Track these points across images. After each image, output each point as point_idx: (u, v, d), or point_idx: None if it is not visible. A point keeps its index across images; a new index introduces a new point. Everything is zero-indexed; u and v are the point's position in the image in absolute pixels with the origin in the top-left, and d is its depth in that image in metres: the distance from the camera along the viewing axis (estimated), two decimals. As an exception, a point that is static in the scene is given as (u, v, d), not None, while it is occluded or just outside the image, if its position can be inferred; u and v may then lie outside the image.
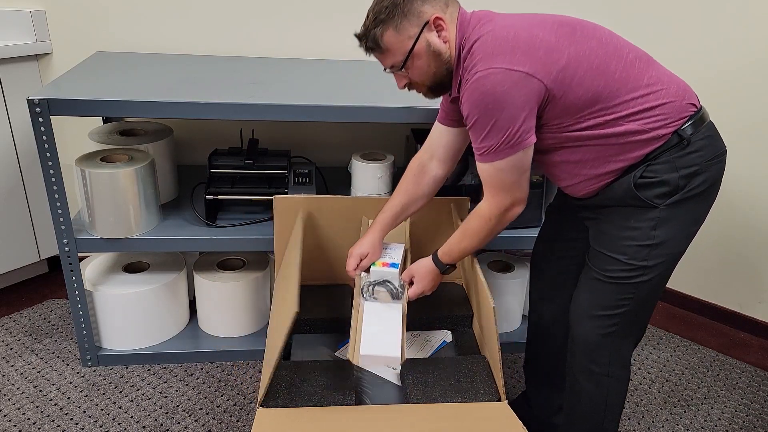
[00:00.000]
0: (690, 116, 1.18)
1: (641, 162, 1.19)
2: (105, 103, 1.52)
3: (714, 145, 1.21)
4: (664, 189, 1.18)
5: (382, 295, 1.46)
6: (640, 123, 1.16)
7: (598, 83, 1.14)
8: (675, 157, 1.17)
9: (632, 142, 1.18)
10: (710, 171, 1.20)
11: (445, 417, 1.31)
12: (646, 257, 1.23)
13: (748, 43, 1.95)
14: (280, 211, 1.65)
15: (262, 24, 2.07)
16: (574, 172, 1.25)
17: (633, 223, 1.22)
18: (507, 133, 1.14)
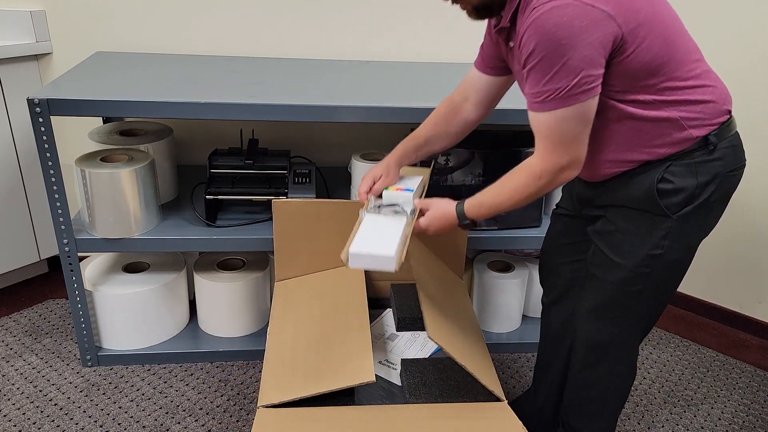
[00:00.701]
0: (722, 123, 1.13)
1: (664, 160, 1.13)
2: (105, 103, 1.52)
3: (736, 155, 1.17)
4: (681, 197, 1.14)
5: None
6: (682, 113, 1.10)
7: (663, 55, 1.06)
8: (697, 162, 1.12)
9: (665, 135, 1.11)
10: (727, 182, 1.16)
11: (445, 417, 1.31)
12: (650, 266, 1.19)
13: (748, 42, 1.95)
14: (279, 214, 1.65)
15: (262, 24, 2.07)
16: (598, 149, 1.16)
17: (643, 231, 1.17)
18: (579, 76, 1.01)
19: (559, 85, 1.02)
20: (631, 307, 1.25)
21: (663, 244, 1.17)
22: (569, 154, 1.09)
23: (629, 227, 1.19)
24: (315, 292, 1.65)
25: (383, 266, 1.20)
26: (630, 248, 1.19)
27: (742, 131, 2.02)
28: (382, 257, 1.18)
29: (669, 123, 1.10)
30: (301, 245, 1.70)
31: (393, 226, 1.28)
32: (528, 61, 1.04)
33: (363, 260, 1.20)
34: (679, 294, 2.30)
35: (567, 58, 1.00)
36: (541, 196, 1.19)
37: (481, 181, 1.78)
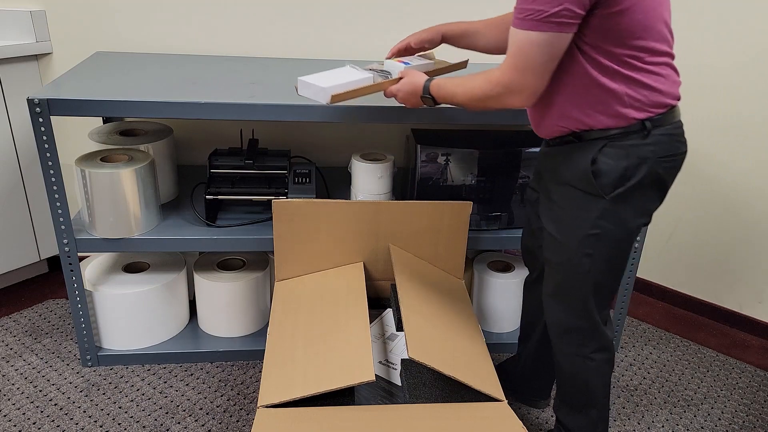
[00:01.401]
0: (663, 112, 1.20)
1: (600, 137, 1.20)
2: (105, 103, 1.52)
3: (671, 144, 1.22)
4: (612, 178, 1.20)
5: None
6: (629, 91, 1.17)
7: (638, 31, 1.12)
8: (630, 145, 1.19)
9: (607, 104, 1.18)
10: (659, 168, 1.21)
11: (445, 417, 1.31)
12: (591, 246, 1.26)
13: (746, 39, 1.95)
14: (279, 214, 1.65)
15: (262, 24, 2.07)
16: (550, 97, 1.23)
17: (583, 212, 1.25)
18: (561, 6, 1.07)
19: (541, 7, 1.08)
20: (582, 288, 1.31)
21: (600, 224, 1.24)
22: (524, 79, 1.15)
23: (571, 207, 1.27)
24: (315, 292, 1.65)
25: (319, 97, 1.33)
26: (571, 229, 1.27)
27: (742, 131, 2.03)
28: (319, 88, 1.31)
29: (614, 95, 1.17)
30: (301, 245, 1.70)
31: (354, 77, 1.36)
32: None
33: (307, 89, 1.34)
34: (680, 294, 2.30)
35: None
36: (489, 108, 1.25)
37: (481, 180, 1.78)
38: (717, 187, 2.12)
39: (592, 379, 1.41)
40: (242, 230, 1.76)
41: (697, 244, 2.22)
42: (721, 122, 2.06)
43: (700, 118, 2.09)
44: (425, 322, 1.47)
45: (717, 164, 2.10)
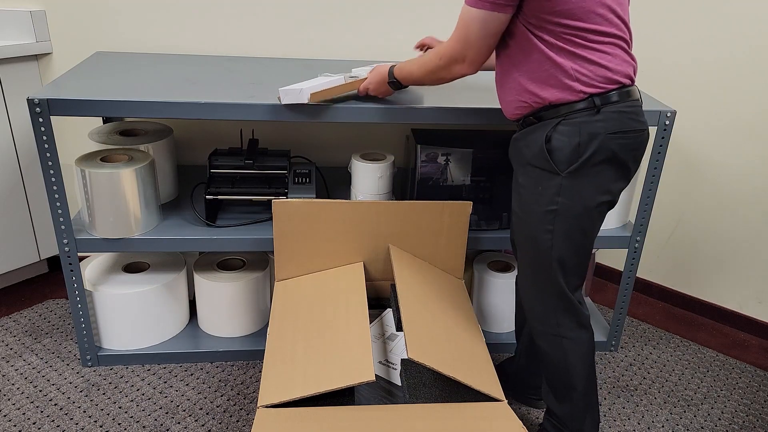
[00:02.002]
0: (612, 89, 1.25)
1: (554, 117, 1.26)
2: (105, 103, 1.52)
3: (622, 120, 1.26)
4: (565, 154, 1.26)
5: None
6: (575, 66, 1.23)
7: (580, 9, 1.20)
8: (581, 122, 1.25)
9: (557, 77, 1.24)
10: (611, 143, 1.26)
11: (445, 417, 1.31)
12: (552, 222, 1.31)
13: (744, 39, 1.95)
14: (279, 215, 1.65)
15: (262, 24, 2.07)
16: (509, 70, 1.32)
17: (541, 188, 1.30)
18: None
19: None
20: (549, 265, 1.35)
21: (557, 200, 1.29)
22: (465, 51, 1.28)
23: (531, 185, 1.32)
24: (315, 292, 1.65)
25: (299, 98, 1.47)
26: (531, 206, 1.33)
27: (742, 131, 2.03)
28: (299, 90, 1.46)
29: (561, 69, 1.24)
30: (301, 245, 1.70)
31: (328, 80, 1.54)
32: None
33: (288, 95, 1.48)
34: (680, 294, 2.30)
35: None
36: (442, 79, 1.37)
37: (480, 180, 1.78)
38: (717, 187, 2.12)
39: (570, 358, 1.42)
40: (242, 230, 1.76)
41: (697, 244, 2.22)
42: (720, 122, 2.06)
43: (699, 119, 2.09)
44: (425, 322, 1.47)
45: (717, 164, 2.10)
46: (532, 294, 1.42)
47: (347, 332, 1.45)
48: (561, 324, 1.40)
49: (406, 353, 1.56)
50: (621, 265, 2.40)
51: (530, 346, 1.67)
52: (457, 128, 1.99)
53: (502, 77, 1.36)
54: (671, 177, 2.20)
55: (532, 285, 1.41)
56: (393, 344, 1.63)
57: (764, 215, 2.06)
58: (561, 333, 1.41)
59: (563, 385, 1.46)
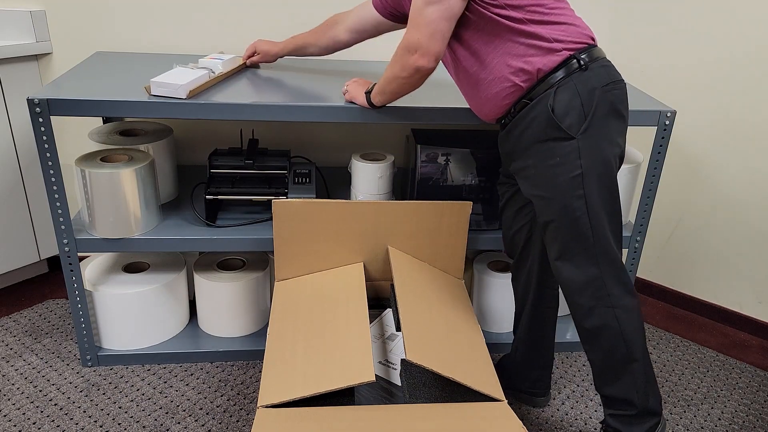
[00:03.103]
0: (588, 45, 1.30)
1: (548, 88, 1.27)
2: (105, 103, 1.52)
3: (609, 73, 1.31)
4: (574, 117, 1.27)
5: None
6: (547, 30, 1.27)
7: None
8: (576, 83, 1.27)
9: (535, 47, 1.27)
10: (607, 95, 1.29)
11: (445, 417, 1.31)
12: (580, 186, 1.30)
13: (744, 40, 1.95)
14: (279, 215, 1.65)
15: (261, 24, 2.07)
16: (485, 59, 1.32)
17: (558, 159, 1.29)
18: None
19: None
20: (586, 233, 1.33)
21: (580, 163, 1.29)
22: (419, 38, 1.27)
23: (547, 159, 1.31)
24: (315, 292, 1.65)
25: (176, 93, 1.53)
26: (555, 178, 1.31)
27: (741, 130, 2.03)
28: (175, 86, 1.52)
29: (536, 36, 1.27)
30: (301, 245, 1.70)
31: (196, 74, 1.61)
32: None
33: (161, 88, 1.53)
34: (680, 294, 2.30)
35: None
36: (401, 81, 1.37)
37: (481, 180, 1.78)
38: (717, 187, 2.12)
39: (626, 328, 1.37)
40: (242, 230, 1.76)
41: (697, 244, 2.22)
42: (720, 122, 2.06)
43: (699, 119, 2.09)
44: (424, 322, 1.47)
45: (717, 164, 2.10)
46: (572, 271, 1.37)
47: (347, 332, 1.45)
48: (612, 294, 1.36)
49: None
50: (621, 265, 2.40)
51: (530, 335, 1.67)
52: (457, 128, 1.99)
53: (477, 77, 1.36)
54: (671, 177, 2.20)
55: (570, 261, 1.36)
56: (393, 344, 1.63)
57: (764, 215, 2.06)
58: (613, 303, 1.36)
59: (622, 360, 1.39)
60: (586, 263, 1.35)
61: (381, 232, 1.71)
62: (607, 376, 1.44)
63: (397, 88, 1.40)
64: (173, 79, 1.56)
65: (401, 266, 1.65)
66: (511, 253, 1.65)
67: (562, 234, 1.35)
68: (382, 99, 1.48)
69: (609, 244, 1.35)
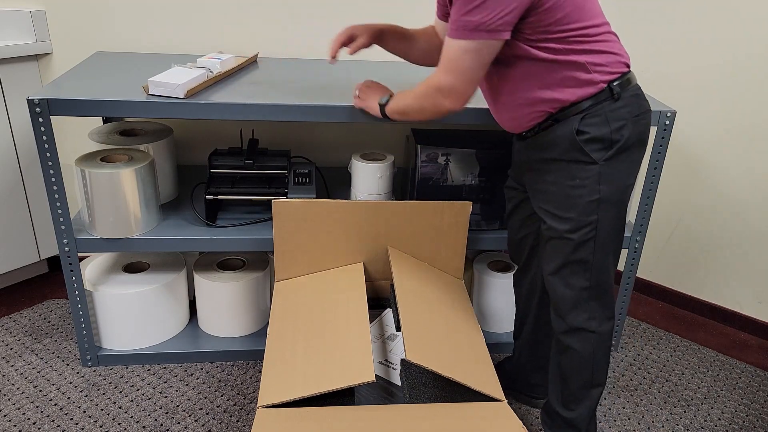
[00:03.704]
0: (622, 74, 1.27)
1: (577, 113, 1.26)
2: (105, 103, 1.52)
3: (639, 103, 1.30)
4: (600, 144, 1.26)
5: None
6: (587, 59, 1.24)
7: (575, 12, 1.21)
8: (607, 111, 1.26)
9: (572, 77, 1.25)
10: (636, 126, 1.29)
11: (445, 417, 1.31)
12: (594, 211, 1.30)
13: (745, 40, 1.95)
14: (279, 215, 1.65)
15: (262, 24, 2.07)
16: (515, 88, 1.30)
17: (578, 182, 1.29)
18: (493, 15, 1.16)
19: (474, 18, 1.17)
20: (585, 260, 1.34)
21: (599, 188, 1.29)
22: (454, 82, 1.24)
23: (566, 179, 1.31)
24: (315, 292, 1.65)
25: (174, 93, 1.53)
26: (571, 200, 1.31)
27: (741, 131, 2.03)
28: (174, 85, 1.52)
29: (576, 65, 1.24)
30: (301, 245, 1.70)
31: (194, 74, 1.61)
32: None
33: (159, 87, 1.54)
34: (680, 294, 2.30)
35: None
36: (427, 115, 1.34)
37: (481, 180, 1.78)
38: (717, 187, 2.12)
39: (597, 353, 1.42)
40: (242, 230, 1.76)
41: (697, 244, 2.22)
42: (720, 123, 2.06)
43: (699, 119, 2.09)
44: (424, 323, 1.47)
45: (717, 164, 2.10)
46: (572, 292, 1.38)
47: (347, 332, 1.45)
48: (594, 317, 1.39)
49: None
50: (621, 265, 2.40)
51: (533, 342, 1.67)
52: (457, 128, 1.99)
53: (506, 97, 1.34)
54: (671, 177, 2.20)
55: (572, 281, 1.37)
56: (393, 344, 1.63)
57: (764, 215, 2.06)
58: (595, 328, 1.39)
59: (584, 384, 1.45)
60: (579, 285, 1.37)
61: (381, 232, 1.71)
62: (560, 395, 1.49)
63: (421, 117, 1.37)
64: (171, 78, 1.56)
65: (401, 266, 1.65)
66: (516, 258, 1.64)
67: (564, 253, 1.36)
68: (400, 118, 1.44)
69: (606, 270, 1.37)
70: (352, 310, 1.53)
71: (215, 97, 1.57)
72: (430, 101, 1.30)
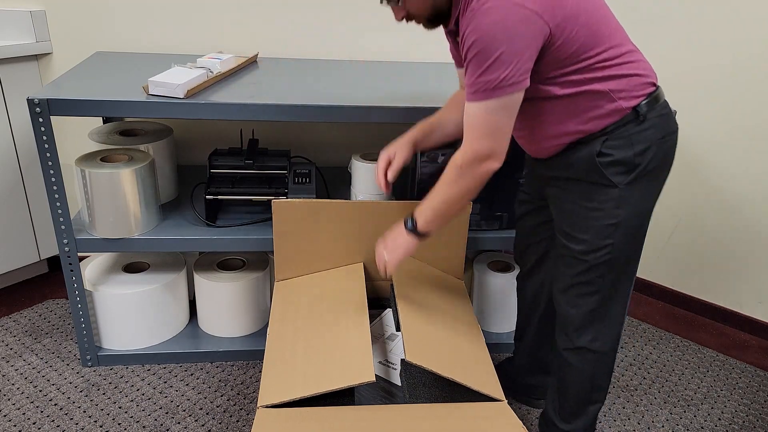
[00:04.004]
0: (649, 94, 1.22)
1: (599, 134, 1.22)
2: (105, 103, 1.52)
3: (666, 123, 1.25)
4: (622, 168, 1.22)
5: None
6: (610, 86, 1.19)
7: (589, 43, 1.16)
8: (631, 134, 1.21)
9: (597, 107, 1.20)
10: (662, 148, 1.24)
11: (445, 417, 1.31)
12: (610, 236, 1.26)
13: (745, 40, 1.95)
14: (279, 215, 1.65)
15: (261, 24, 2.07)
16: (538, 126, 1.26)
17: (596, 204, 1.25)
18: (509, 69, 1.10)
19: (490, 77, 1.11)
20: (594, 282, 1.31)
21: (617, 213, 1.24)
22: (490, 145, 1.19)
23: (584, 201, 1.27)
24: (315, 292, 1.65)
25: (174, 93, 1.53)
26: (589, 222, 1.27)
27: (741, 130, 2.03)
28: (174, 85, 1.53)
29: (599, 95, 1.19)
30: (301, 245, 1.70)
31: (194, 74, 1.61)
32: (467, 56, 1.14)
33: (159, 87, 1.54)
34: (680, 294, 2.30)
35: (500, 52, 1.09)
36: (470, 192, 1.26)
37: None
38: (717, 187, 2.12)
39: (597, 374, 1.41)
40: (242, 230, 1.76)
41: (697, 244, 2.22)
42: (720, 123, 2.06)
43: (699, 119, 2.09)
44: (424, 323, 1.47)
45: (717, 164, 2.10)
46: (579, 312, 1.35)
47: (347, 332, 1.45)
48: (598, 338, 1.36)
49: (406, 353, 1.56)
50: (621, 265, 2.40)
51: (535, 346, 1.67)
52: (457, 128, 1.99)
53: (529, 133, 1.30)
54: (671, 177, 2.20)
55: (581, 302, 1.34)
56: (393, 344, 1.63)
57: (764, 215, 2.06)
58: (594, 347, 1.37)
59: (582, 401, 1.44)
60: (587, 307, 1.34)
61: (381, 232, 1.70)
62: (558, 410, 1.49)
63: (467, 198, 1.28)
64: (171, 78, 1.55)
65: (401, 266, 1.65)
66: (521, 262, 1.63)
67: (575, 272, 1.33)
68: (442, 221, 1.33)
69: (617, 294, 1.34)
70: (352, 310, 1.53)
71: (215, 97, 1.57)
72: (471, 176, 1.22)
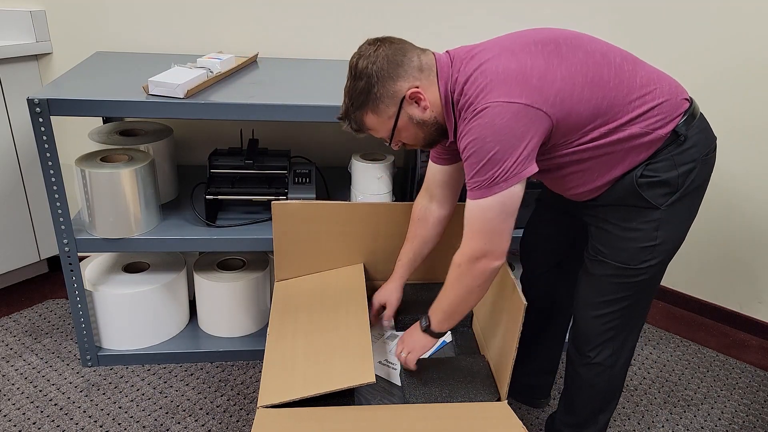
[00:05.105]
0: (684, 112, 1.19)
1: (641, 164, 1.19)
2: (105, 103, 1.52)
3: (707, 138, 1.23)
4: (666, 189, 1.19)
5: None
6: (642, 125, 1.15)
7: (595, 96, 1.13)
8: (674, 155, 1.18)
9: (636, 146, 1.17)
10: (704, 167, 1.22)
11: (445, 417, 1.31)
12: (648, 257, 1.24)
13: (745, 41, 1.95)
14: (279, 216, 1.65)
15: (261, 24, 2.07)
16: (580, 182, 1.24)
17: (635, 225, 1.22)
18: (503, 166, 1.10)
19: (485, 175, 1.12)
20: (621, 302, 1.30)
21: (656, 235, 1.22)
22: (486, 244, 1.17)
23: (621, 223, 1.24)
24: (315, 292, 1.65)
25: (174, 93, 1.53)
26: (625, 243, 1.24)
27: (742, 130, 2.02)
28: (174, 85, 1.52)
29: (634, 137, 1.16)
30: (300, 246, 1.70)
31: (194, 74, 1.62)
32: (464, 156, 1.15)
33: (159, 87, 1.54)
34: (680, 294, 2.30)
35: (493, 152, 1.09)
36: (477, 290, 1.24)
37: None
38: (717, 187, 2.12)
39: (609, 390, 1.42)
40: (242, 230, 1.76)
41: (698, 244, 2.22)
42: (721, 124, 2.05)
43: (700, 118, 2.09)
44: None
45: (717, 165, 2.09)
46: (600, 330, 1.33)
47: (347, 333, 1.45)
48: (613, 354, 1.35)
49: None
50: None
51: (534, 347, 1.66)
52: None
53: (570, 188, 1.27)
54: (671, 177, 2.20)
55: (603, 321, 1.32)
56: (393, 344, 1.63)
57: (764, 215, 2.06)
58: (608, 363, 1.36)
59: (592, 412, 1.44)
60: (609, 325, 1.32)
61: (381, 232, 1.71)
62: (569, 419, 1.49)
63: (477, 297, 1.26)
64: (171, 78, 1.55)
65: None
66: (528, 266, 1.60)
67: (604, 292, 1.30)
68: (455, 319, 1.32)
69: (639, 314, 1.33)
70: (352, 310, 1.53)
71: (215, 97, 1.57)
72: (470, 276, 1.21)
